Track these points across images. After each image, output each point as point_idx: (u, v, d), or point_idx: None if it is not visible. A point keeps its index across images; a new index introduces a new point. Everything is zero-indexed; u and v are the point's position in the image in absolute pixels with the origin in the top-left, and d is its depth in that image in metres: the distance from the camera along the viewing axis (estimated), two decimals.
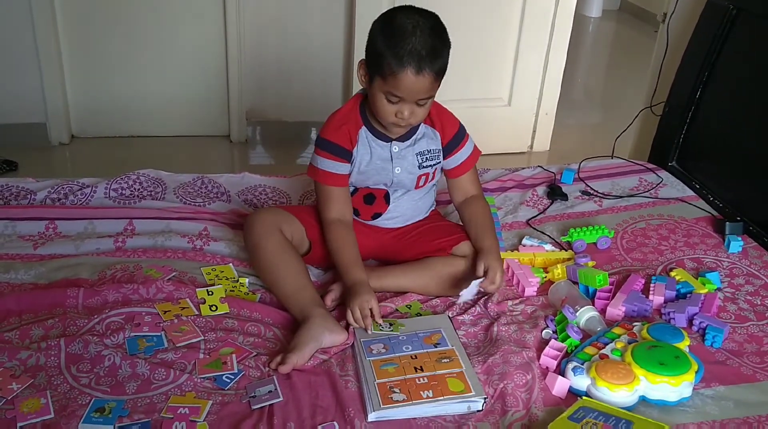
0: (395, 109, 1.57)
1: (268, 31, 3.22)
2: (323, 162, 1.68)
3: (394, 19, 1.54)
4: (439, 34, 1.54)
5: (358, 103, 1.70)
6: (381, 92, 1.56)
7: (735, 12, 2.26)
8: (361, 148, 1.69)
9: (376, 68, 1.55)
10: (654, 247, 1.97)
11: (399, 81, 1.51)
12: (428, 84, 1.53)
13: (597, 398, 1.38)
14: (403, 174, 1.72)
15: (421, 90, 1.54)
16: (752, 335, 1.63)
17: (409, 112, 1.57)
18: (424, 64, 1.50)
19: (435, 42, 1.52)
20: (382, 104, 1.57)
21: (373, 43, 1.56)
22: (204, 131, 3.42)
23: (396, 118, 1.58)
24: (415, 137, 1.72)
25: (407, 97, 1.54)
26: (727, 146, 2.30)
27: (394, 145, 1.70)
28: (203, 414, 1.30)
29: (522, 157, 3.42)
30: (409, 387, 1.37)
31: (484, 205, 1.79)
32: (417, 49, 1.49)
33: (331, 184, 1.69)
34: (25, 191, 2.01)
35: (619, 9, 6.71)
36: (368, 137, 1.69)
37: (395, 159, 1.71)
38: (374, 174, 1.72)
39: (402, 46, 1.49)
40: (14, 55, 3.04)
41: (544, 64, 3.27)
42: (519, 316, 1.65)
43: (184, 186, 2.12)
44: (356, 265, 1.63)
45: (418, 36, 1.50)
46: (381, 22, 1.57)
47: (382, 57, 1.52)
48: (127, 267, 1.69)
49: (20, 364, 1.38)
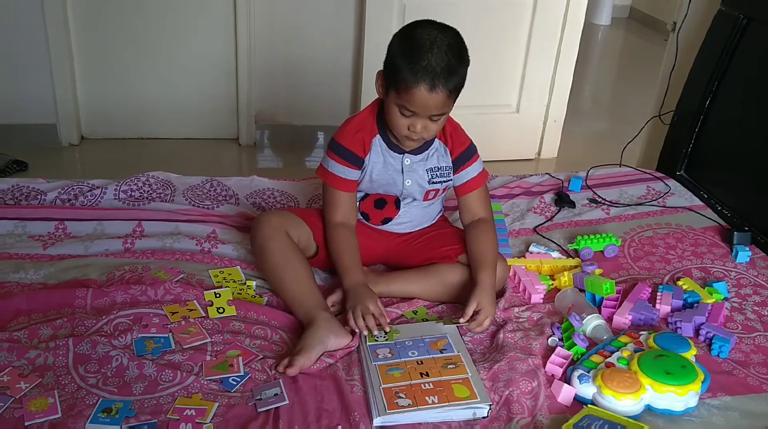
0: (408, 122, 1.57)
1: (277, 35, 3.23)
2: (334, 166, 1.69)
3: (413, 34, 1.53)
4: (457, 52, 1.53)
5: (375, 111, 1.70)
6: (395, 105, 1.56)
7: (745, 22, 2.26)
8: (374, 157, 1.70)
9: (391, 81, 1.55)
10: (661, 255, 1.97)
11: (412, 96, 1.51)
12: (441, 101, 1.53)
13: (602, 406, 1.38)
14: (413, 187, 1.73)
15: (434, 106, 1.53)
16: (759, 346, 1.62)
17: (421, 127, 1.57)
18: (438, 82, 1.49)
19: (451, 60, 1.51)
20: (396, 117, 1.58)
21: (390, 55, 1.57)
22: (213, 134, 3.44)
23: (408, 132, 1.58)
24: (428, 152, 1.72)
25: (420, 112, 1.54)
26: (735, 156, 2.29)
27: (407, 158, 1.71)
28: (209, 416, 1.30)
29: (530, 164, 3.42)
30: (414, 392, 1.37)
31: (489, 231, 1.74)
32: (432, 65, 1.49)
33: (339, 189, 1.70)
34: (35, 192, 2.03)
35: (629, 17, 6.71)
36: (382, 147, 1.70)
37: (406, 172, 1.71)
38: (384, 184, 1.73)
39: (418, 62, 1.49)
40: (25, 56, 3.06)
41: (553, 72, 3.27)
42: (525, 323, 1.65)
43: (193, 188, 2.13)
44: (356, 268, 1.64)
45: (435, 53, 1.49)
46: (400, 36, 1.57)
47: (398, 71, 1.52)
48: (135, 268, 1.70)
49: (28, 363, 1.38)
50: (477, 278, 1.62)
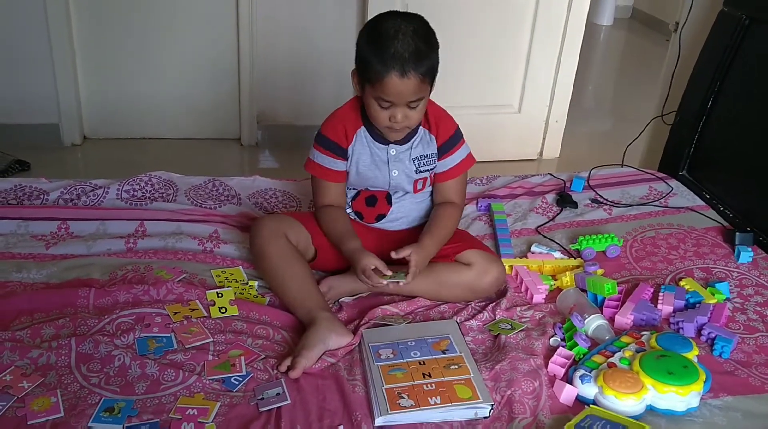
0: (388, 113, 1.59)
1: (280, 36, 3.23)
2: (319, 156, 1.72)
3: (377, 26, 1.56)
4: (423, 36, 1.55)
5: (357, 106, 1.72)
6: (372, 98, 1.58)
7: (747, 22, 2.25)
8: (359, 148, 1.71)
9: (364, 75, 1.58)
10: (663, 256, 1.97)
11: (385, 85, 1.53)
12: (414, 86, 1.54)
13: (604, 407, 1.38)
14: (400, 176, 1.74)
15: (409, 92, 1.54)
16: (761, 346, 1.62)
17: (402, 116, 1.58)
18: (408, 67, 1.51)
19: (419, 44, 1.52)
20: (375, 110, 1.59)
21: (359, 51, 1.59)
22: (215, 134, 3.44)
23: (390, 122, 1.60)
24: (413, 142, 1.73)
25: (397, 101, 1.56)
26: (738, 156, 2.29)
27: (392, 148, 1.72)
28: (211, 415, 1.30)
29: (532, 164, 3.42)
30: (417, 393, 1.37)
31: (454, 216, 1.77)
32: (400, 52, 1.50)
33: (325, 179, 1.73)
34: (38, 191, 2.03)
35: (631, 17, 6.70)
36: (367, 139, 1.71)
37: (392, 162, 1.72)
38: (372, 176, 1.74)
39: (385, 51, 1.51)
40: (28, 56, 3.06)
41: (555, 72, 3.27)
42: (527, 323, 1.65)
43: (195, 188, 2.14)
44: (350, 235, 1.67)
45: (401, 39, 1.51)
46: (366, 30, 1.60)
47: (368, 63, 1.55)
48: (138, 268, 1.71)
49: (31, 362, 1.39)
50: (420, 239, 1.66)
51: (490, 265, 1.70)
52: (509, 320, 1.64)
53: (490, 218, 2.11)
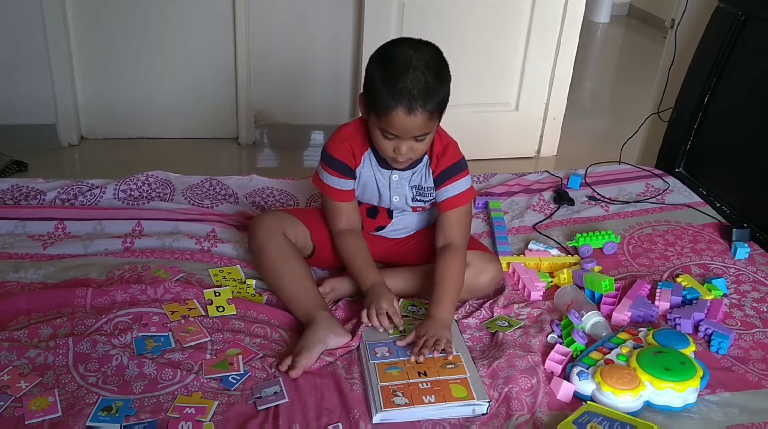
0: (392, 145, 1.54)
1: (277, 35, 3.23)
2: (329, 178, 1.68)
3: (388, 55, 1.50)
4: (434, 69, 1.48)
5: (363, 127, 1.66)
6: (377, 128, 1.54)
7: (743, 18, 2.26)
8: (366, 170, 1.68)
9: (371, 104, 1.52)
10: (660, 252, 1.97)
11: (391, 120, 1.48)
12: (421, 123, 1.48)
13: (602, 403, 1.38)
14: (400, 202, 1.72)
15: (415, 128, 1.49)
16: (758, 342, 1.62)
17: (406, 148, 1.53)
18: (416, 104, 1.45)
19: (428, 80, 1.46)
20: (380, 140, 1.55)
21: (368, 78, 1.53)
22: (212, 134, 3.44)
23: (394, 154, 1.55)
24: (413, 170, 1.68)
25: (402, 135, 1.51)
26: (734, 152, 2.29)
27: (394, 175, 1.68)
28: (209, 414, 1.30)
29: (529, 161, 3.42)
30: (411, 391, 1.37)
31: (458, 263, 1.61)
32: (408, 88, 1.44)
33: (338, 200, 1.70)
34: (35, 191, 2.03)
35: (628, 15, 6.71)
36: (372, 162, 1.68)
37: (393, 187, 1.69)
38: (373, 198, 1.72)
39: (394, 85, 1.45)
40: (25, 56, 3.06)
41: (552, 69, 3.27)
42: (525, 320, 1.65)
43: (192, 188, 2.14)
44: (370, 268, 1.64)
45: (411, 74, 1.44)
46: (376, 57, 1.53)
47: (375, 94, 1.48)
48: (135, 267, 1.71)
49: (29, 362, 1.39)
50: (431, 311, 1.54)
51: (487, 265, 1.69)
52: (507, 318, 1.64)
53: (487, 216, 2.11)
